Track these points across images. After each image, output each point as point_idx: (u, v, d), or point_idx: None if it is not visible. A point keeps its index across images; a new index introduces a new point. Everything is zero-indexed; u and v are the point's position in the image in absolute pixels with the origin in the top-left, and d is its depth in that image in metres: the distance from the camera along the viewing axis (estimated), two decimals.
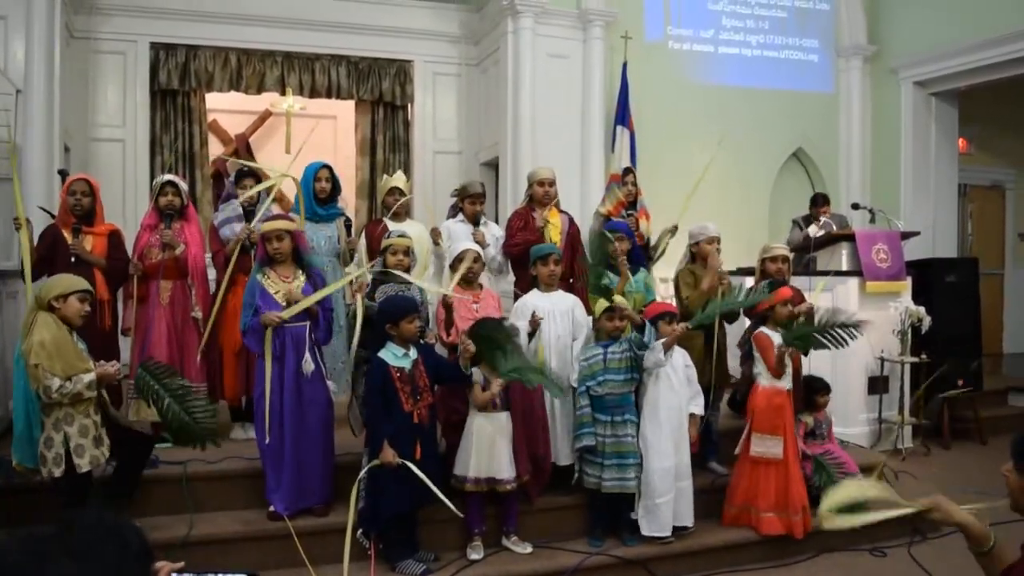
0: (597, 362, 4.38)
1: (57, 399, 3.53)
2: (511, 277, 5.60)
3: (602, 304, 4.45)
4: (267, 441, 4.10)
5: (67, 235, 4.72)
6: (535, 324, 4.42)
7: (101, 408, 3.80)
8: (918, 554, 4.56)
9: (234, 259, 4.89)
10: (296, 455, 4.15)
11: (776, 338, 4.65)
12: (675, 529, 4.42)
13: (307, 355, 4.19)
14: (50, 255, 4.70)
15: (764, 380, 4.68)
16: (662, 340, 4.32)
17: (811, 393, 5.09)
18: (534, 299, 4.61)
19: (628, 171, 5.85)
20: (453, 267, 4.64)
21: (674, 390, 4.45)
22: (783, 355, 4.58)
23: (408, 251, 4.52)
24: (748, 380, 4.87)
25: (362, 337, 4.30)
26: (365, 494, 3.98)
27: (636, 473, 4.33)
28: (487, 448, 4.11)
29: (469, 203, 5.46)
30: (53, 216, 4.98)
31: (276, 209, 5.45)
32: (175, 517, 4.18)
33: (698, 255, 5.11)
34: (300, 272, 4.28)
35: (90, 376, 3.58)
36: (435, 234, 5.28)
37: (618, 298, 4.51)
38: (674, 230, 5.49)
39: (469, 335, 4.11)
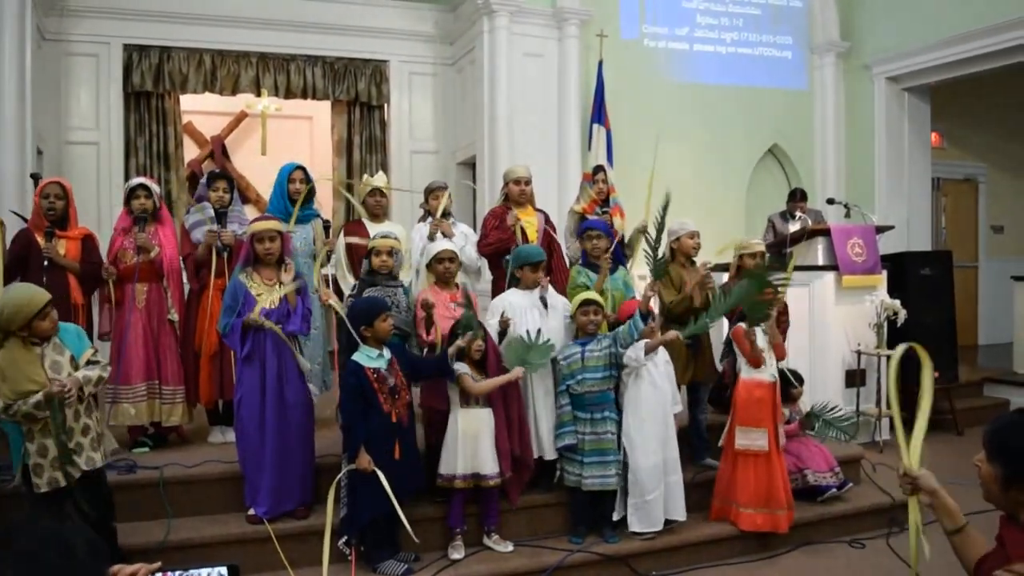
0: (575, 360, 4.39)
1: (8, 420, 3.41)
2: (488, 276, 5.59)
3: (578, 299, 4.46)
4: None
5: (40, 239, 4.67)
6: (504, 324, 4.43)
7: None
8: (896, 545, 4.60)
9: (215, 262, 4.86)
10: (277, 458, 4.13)
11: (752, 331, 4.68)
12: (667, 522, 4.45)
13: (299, 356, 4.23)
14: (23, 259, 4.66)
15: (745, 373, 4.71)
16: (644, 340, 4.34)
17: (785, 385, 5.13)
18: (511, 297, 4.62)
19: (599, 169, 5.84)
20: (430, 267, 4.64)
21: (656, 386, 4.45)
22: (753, 341, 4.62)
23: (392, 251, 4.52)
24: (732, 375, 4.89)
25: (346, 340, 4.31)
26: (346, 500, 3.97)
27: (617, 470, 4.35)
28: (471, 444, 4.11)
29: (432, 198, 5.46)
30: (26, 220, 4.94)
31: (251, 211, 5.42)
32: (153, 522, 4.15)
33: (678, 251, 5.12)
34: (284, 274, 4.25)
35: (36, 398, 3.35)
36: (445, 227, 5.25)
37: (591, 292, 4.53)
38: (644, 229, 5.50)
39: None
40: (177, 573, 1.56)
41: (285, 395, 4.15)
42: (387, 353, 4.02)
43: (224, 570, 1.58)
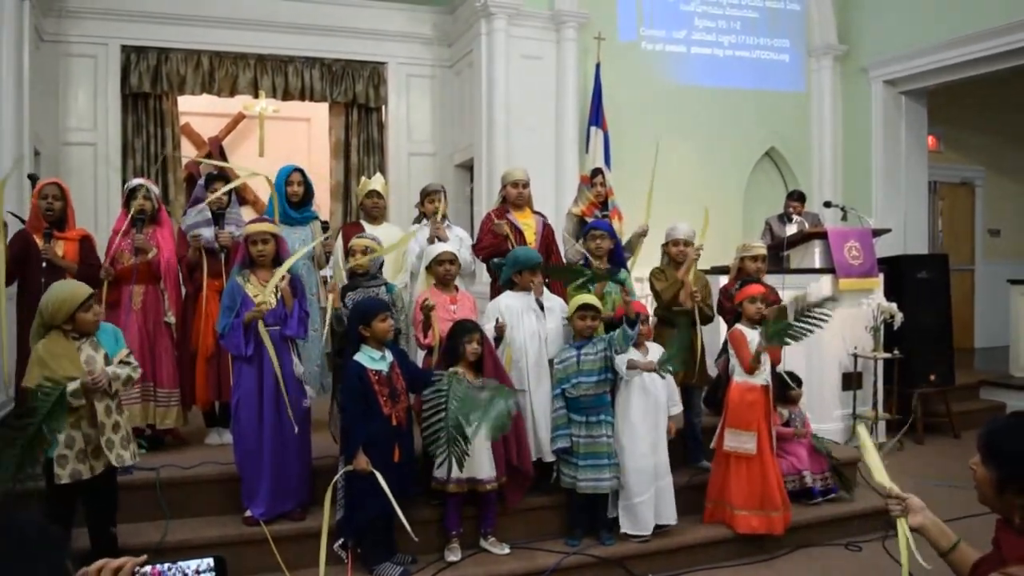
0: (571, 364, 4.39)
1: None
2: (485, 278, 5.58)
3: (575, 302, 4.47)
4: (296, 431, 4.10)
5: (38, 240, 4.66)
6: (501, 330, 4.42)
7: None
8: (892, 548, 4.60)
9: (205, 265, 4.86)
10: (274, 459, 4.13)
11: (750, 334, 4.69)
12: (658, 527, 4.45)
13: (295, 358, 4.22)
14: (22, 260, 4.65)
15: (738, 376, 4.71)
16: (628, 357, 4.34)
17: (784, 388, 5.15)
18: (507, 300, 4.62)
19: (597, 172, 5.85)
20: (430, 268, 4.64)
21: (647, 391, 4.46)
22: (759, 354, 4.61)
23: (365, 251, 4.52)
24: (725, 376, 4.90)
25: (338, 344, 4.29)
26: (343, 502, 3.96)
27: (612, 474, 4.35)
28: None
29: (428, 202, 5.46)
30: (23, 221, 4.93)
31: (249, 213, 5.42)
32: (149, 523, 4.16)
33: (669, 256, 5.16)
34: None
35: (73, 385, 3.41)
36: (440, 231, 5.22)
37: (589, 296, 4.53)
38: (644, 232, 5.52)
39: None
40: (165, 566, 1.57)
41: (281, 396, 4.14)
42: (389, 356, 4.02)
43: (211, 561, 1.59)
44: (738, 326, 4.78)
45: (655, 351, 4.57)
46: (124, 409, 3.81)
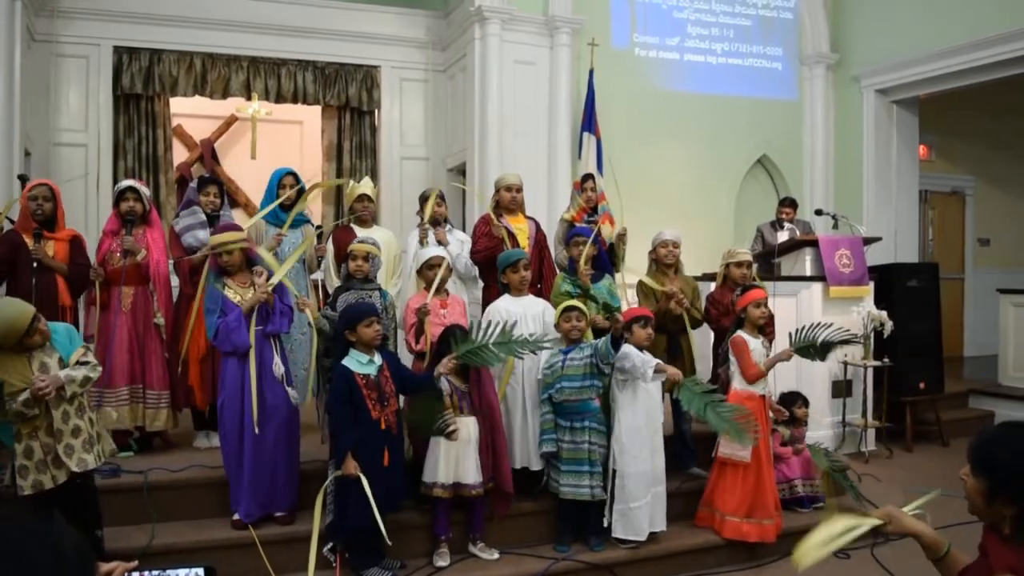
0: (556, 368, 4.38)
1: (3, 419, 3.40)
2: (479, 282, 5.59)
3: (561, 306, 4.47)
4: (256, 431, 4.05)
5: (28, 240, 4.64)
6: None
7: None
8: (880, 555, 4.60)
9: (206, 268, 4.84)
10: (261, 462, 4.11)
11: (753, 343, 4.68)
12: (649, 534, 4.44)
13: (276, 358, 4.18)
14: (11, 260, 4.63)
15: (738, 384, 4.71)
16: (654, 364, 4.32)
17: (788, 406, 5.14)
18: (505, 304, 4.62)
19: (588, 177, 5.87)
20: (421, 272, 4.63)
21: (650, 394, 4.46)
22: (772, 366, 4.66)
23: (367, 256, 4.50)
24: (724, 383, 4.89)
25: (324, 347, 4.28)
26: (333, 507, 3.95)
27: (594, 481, 4.33)
28: (454, 453, 4.10)
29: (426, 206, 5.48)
30: (13, 221, 4.91)
31: (240, 215, 5.40)
32: (137, 527, 4.13)
33: (657, 261, 5.17)
34: (257, 277, 4.23)
35: (24, 395, 3.35)
36: (440, 235, 5.28)
37: (574, 300, 4.53)
38: (622, 233, 5.51)
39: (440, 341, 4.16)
40: (155, 573, 1.56)
41: (267, 399, 4.13)
42: (378, 359, 4.00)
43: (201, 571, 1.59)
44: (740, 333, 4.76)
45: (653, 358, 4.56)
46: (88, 410, 3.68)
